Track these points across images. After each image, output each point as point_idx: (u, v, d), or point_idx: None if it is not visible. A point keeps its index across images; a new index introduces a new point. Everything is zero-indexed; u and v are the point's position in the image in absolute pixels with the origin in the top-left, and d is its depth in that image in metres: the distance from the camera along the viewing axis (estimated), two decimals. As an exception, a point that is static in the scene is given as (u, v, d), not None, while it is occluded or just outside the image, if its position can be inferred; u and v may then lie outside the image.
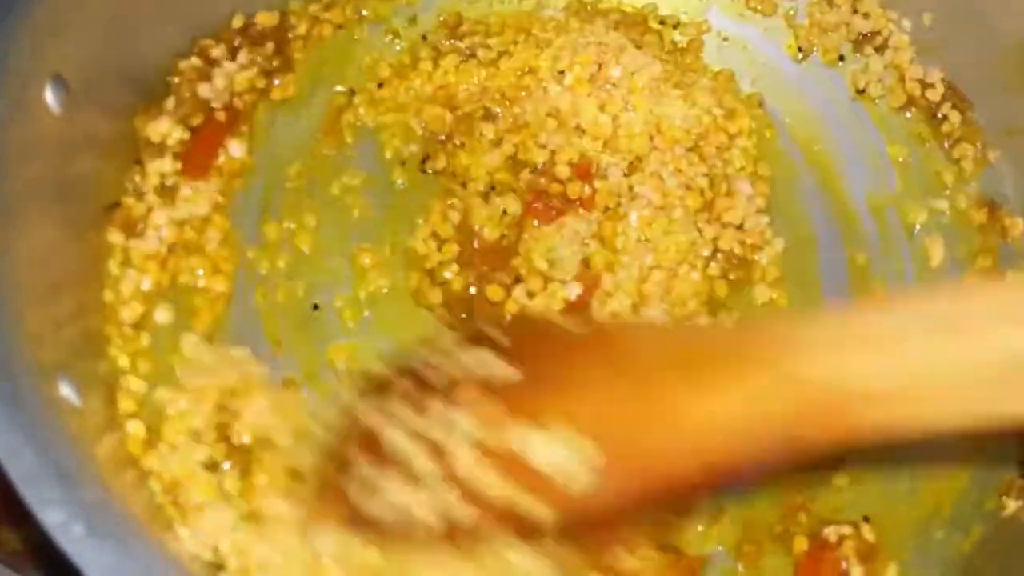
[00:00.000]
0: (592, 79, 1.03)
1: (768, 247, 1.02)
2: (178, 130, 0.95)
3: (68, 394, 0.79)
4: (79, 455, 0.74)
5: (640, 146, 1.02)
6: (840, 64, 1.10)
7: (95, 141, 0.90)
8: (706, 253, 1.00)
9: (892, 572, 0.93)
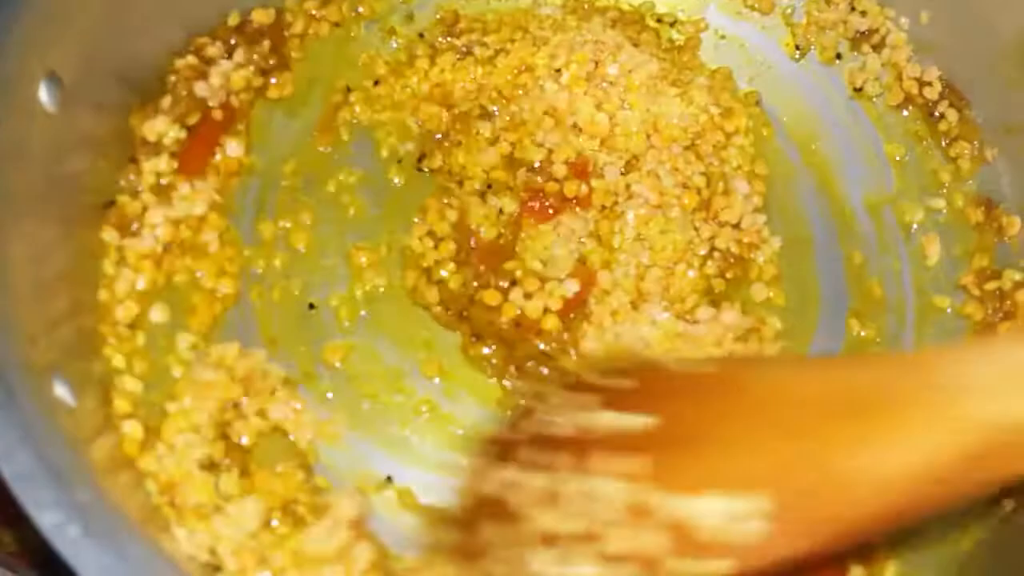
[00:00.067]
0: (589, 77, 1.03)
1: (765, 246, 1.02)
2: (174, 129, 0.95)
3: (63, 394, 0.78)
4: (74, 456, 0.74)
5: (637, 144, 1.02)
6: (837, 62, 1.10)
7: (90, 139, 0.89)
8: (703, 252, 1.00)
9: (891, 571, 0.93)
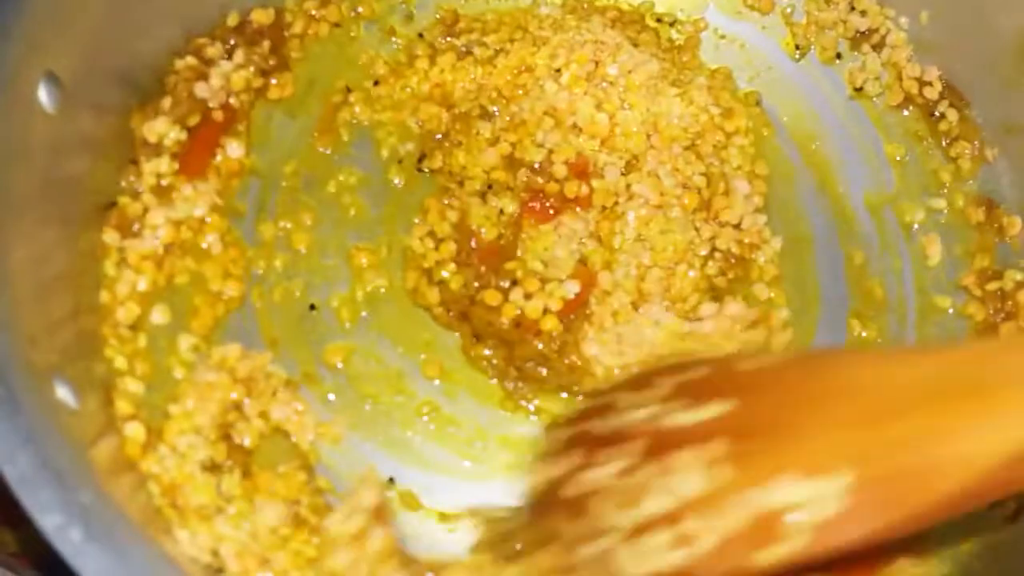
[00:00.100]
0: (589, 77, 1.03)
1: (766, 246, 1.02)
2: (175, 130, 0.95)
3: (65, 396, 0.78)
4: (76, 458, 0.74)
5: (637, 145, 1.02)
6: (837, 62, 1.10)
7: (90, 140, 0.89)
8: (704, 252, 1.00)
9: (890, 571, 0.92)
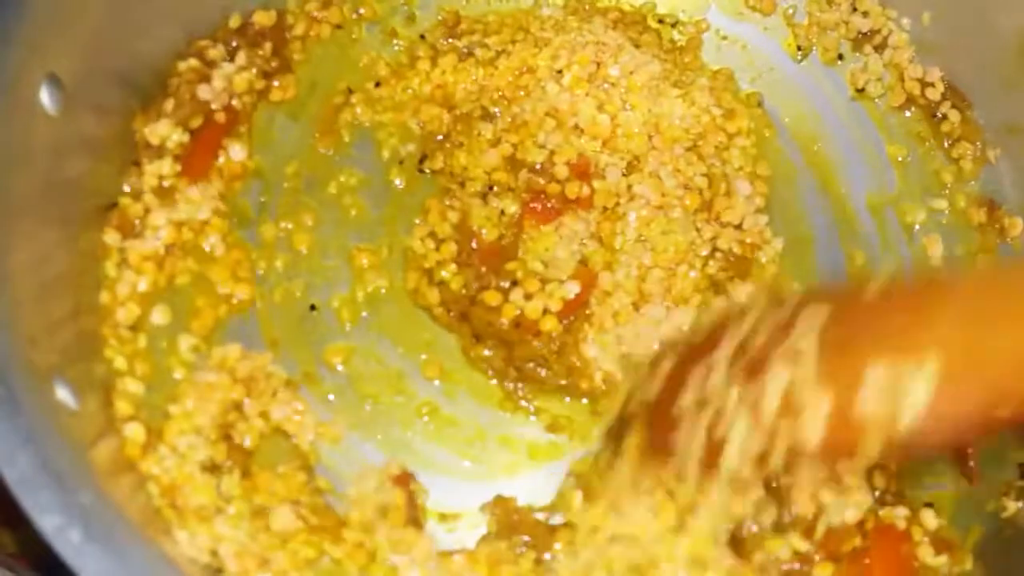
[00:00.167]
0: (591, 78, 1.03)
1: (767, 246, 1.02)
2: (177, 132, 0.95)
3: (64, 397, 0.79)
4: (76, 459, 0.74)
5: (639, 146, 1.02)
6: (839, 63, 1.10)
7: (91, 142, 0.89)
8: (705, 252, 1.00)
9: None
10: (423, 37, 1.07)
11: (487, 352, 0.96)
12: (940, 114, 1.07)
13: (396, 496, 0.89)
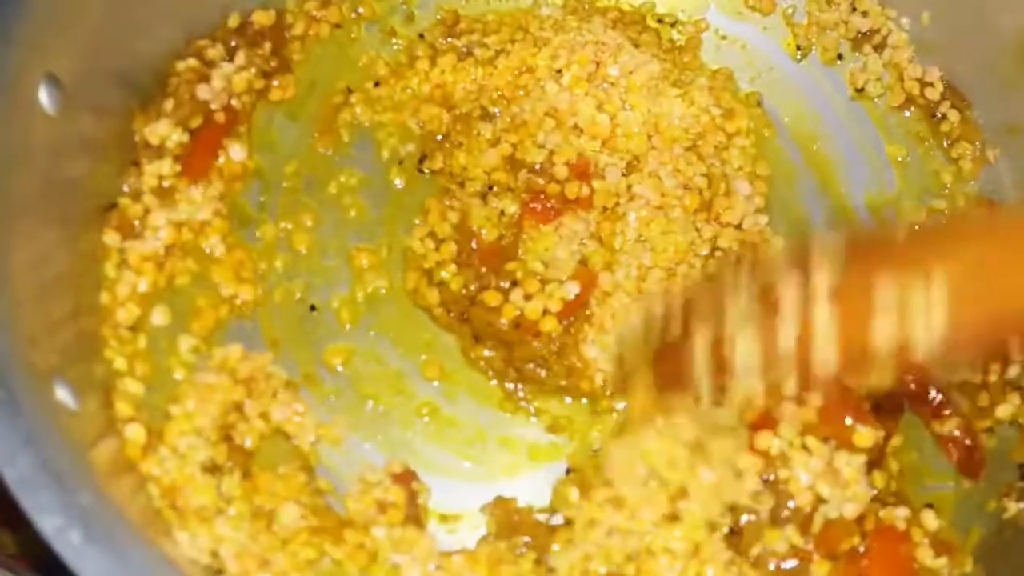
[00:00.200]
0: (590, 78, 1.03)
1: (767, 246, 1.02)
2: (177, 132, 0.95)
3: (65, 398, 0.78)
4: (76, 459, 0.74)
5: (638, 145, 1.02)
6: (839, 63, 1.10)
7: (90, 142, 0.89)
8: (704, 252, 1.00)
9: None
10: (422, 36, 1.07)
11: (487, 353, 0.96)
12: (939, 114, 1.07)
13: (396, 494, 0.89)
